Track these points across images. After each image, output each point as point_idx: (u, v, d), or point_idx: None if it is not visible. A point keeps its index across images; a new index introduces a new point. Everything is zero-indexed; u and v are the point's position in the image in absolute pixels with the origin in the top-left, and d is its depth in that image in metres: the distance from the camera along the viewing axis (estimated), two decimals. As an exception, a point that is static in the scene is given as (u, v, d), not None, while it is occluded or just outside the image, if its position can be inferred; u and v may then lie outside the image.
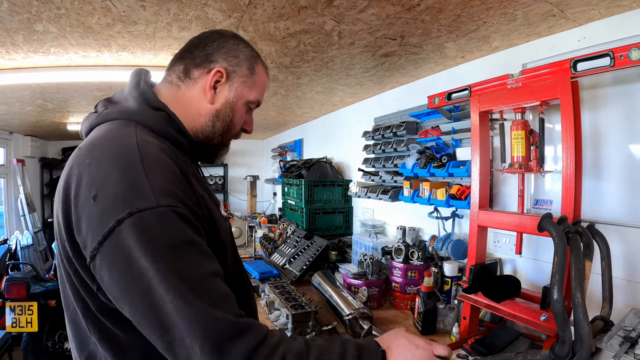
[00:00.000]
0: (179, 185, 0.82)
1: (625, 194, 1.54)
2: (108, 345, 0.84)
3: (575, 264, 1.19)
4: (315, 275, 2.42)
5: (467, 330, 1.69)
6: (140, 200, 0.74)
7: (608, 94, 1.59)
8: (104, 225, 0.72)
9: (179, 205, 0.78)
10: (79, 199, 0.77)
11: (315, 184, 3.65)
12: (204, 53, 1.02)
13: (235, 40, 1.06)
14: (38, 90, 2.99)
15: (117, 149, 0.81)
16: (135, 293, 0.72)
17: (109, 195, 0.74)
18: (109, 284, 0.74)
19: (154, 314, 0.71)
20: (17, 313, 3.18)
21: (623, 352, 1.12)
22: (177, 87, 1.03)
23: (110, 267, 0.73)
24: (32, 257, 5.02)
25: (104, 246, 0.73)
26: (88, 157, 0.81)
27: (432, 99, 2.06)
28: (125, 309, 0.75)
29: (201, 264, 0.78)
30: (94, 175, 0.77)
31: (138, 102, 0.95)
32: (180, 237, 0.76)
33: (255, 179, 6.09)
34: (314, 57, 2.23)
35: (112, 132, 0.87)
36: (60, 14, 1.60)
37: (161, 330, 0.71)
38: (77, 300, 0.85)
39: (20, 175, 5.65)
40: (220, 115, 1.03)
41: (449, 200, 2.13)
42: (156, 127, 0.93)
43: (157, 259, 0.71)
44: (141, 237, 0.72)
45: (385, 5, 1.54)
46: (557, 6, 1.51)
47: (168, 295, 0.70)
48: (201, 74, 1.01)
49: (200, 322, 0.71)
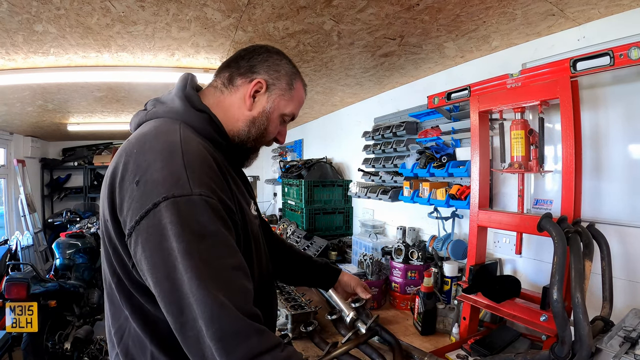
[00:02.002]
0: (215, 178, 0.89)
1: (625, 194, 1.54)
2: (138, 319, 0.91)
3: (575, 264, 1.18)
4: (315, 276, 2.41)
5: (467, 331, 1.69)
6: (176, 187, 0.80)
7: (608, 94, 1.58)
8: (143, 207, 0.80)
9: (212, 196, 0.84)
10: (124, 183, 0.85)
11: (315, 184, 3.65)
12: (248, 64, 1.10)
13: (278, 56, 1.14)
14: (38, 91, 2.99)
15: (162, 142, 0.89)
16: (161, 269, 0.77)
17: (150, 181, 0.82)
18: (140, 259, 0.80)
19: (174, 293, 0.76)
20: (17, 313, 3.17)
21: (623, 352, 1.11)
22: (220, 92, 1.11)
23: (143, 243, 0.79)
24: (33, 257, 5.03)
25: (140, 225, 0.80)
26: (136, 148, 0.89)
27: (432, 98, 2.05)
28: (151, 284, 0.80)
29: (224, 255, 0.82)
30: (140, 163, 0.85)
31: (183, 104, 1.02)
32: (208, 227, 0.81)
33: (256, 179, 6.10)
34: (314, 57, 2.23)
35: (159, 128, 0.94)
36: (60, 15, 1.60)
37: (178, 310, 0.76)
38: (113, 275, 0.93)
39: (20, 175, 5.67)
40: (256, 122, 1.11)
41: (449, 200, 2.13)
42: (199, 126, 1.01)
43: (185, 242, 0.77)
44: (173, 220, 0.78)
45: (385, 5, 1.54)
46: (556, 5, 1.50)
47: (187, 274, 0.75)
48: (243, 83, 1.10)
49: (210, 307, 0.74)
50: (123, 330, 0.94)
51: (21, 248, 4.79)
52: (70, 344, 3.37)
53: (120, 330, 0.95)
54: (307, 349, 1.69)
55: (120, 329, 0.95)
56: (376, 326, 1.37)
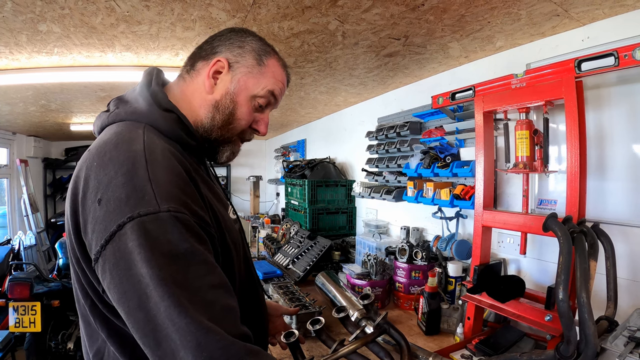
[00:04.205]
0: (184, 188, 0.81)
1: (629, 194, 1.54)
2: (115, 342, 0.83)
3: (581, 264, 1.18)
4: (319, 276, 2.41)
5: (472, 331, 1.69)
6: (141, 205, 0.73)
7: (612, 94, 1.59)
8: (107, 229, 0.72)
9: (182, 210, 0.76)
10: (87, 202, 0.77)
11: (318, 184, 3.65)
12: (209, 46, 1.02)
13: (243, 34, 1.04)
14: (42, 91, 2.99)
15: (123, 152, 0.80)
16: (132, 299, 0.70)
17: (112, 200, 0.74)
18: (109, 287, 0.73)
19: (149, 324, 0.68)
20: (20, 313, 3.18)
21: (628, 352, 1.11)
22: (183, 81, 1.04)
23: (111, 270, 0.72)
24: (35, 257, 5.04)
25: (106, 249, 0.72)
26: (96, 160, 0.80)
27: (436, 99, 2.06)
28: (122, 314, 0.72)
29: (202, 274, 0.74)
30: (100, 178, 0.77)
31: (148, 103, 0.94)
32: (180, 245, 0.73)
33: (258, 179, 6.10)
34: (318, 57, 2.23)
35: (120, 135, 0.85)
36: (64, 14, 1.60)
37: (154, 342, 0.68)
38: (86, 298, 0.85)
39: (23, 175, 5.67)
40: (220, 107, 1.00)
41: (453, 200, 2.13)
42: (165, 128, 0.92)
43: (156, 267, 0.69)
44: (141, 242, 0.70)
45: (390, 5, 1.54)
46: (561, 6, 1.50)
47: (163, 303, 0.67)
48: (204, 65, 1.01)
49: (195, 336, 0.66)
50: (102, 353, 0.87)
51: (24, 248, 4.79)
52: (73, 343, 3.37)
53: (99, 353, 0.88)
54: (311, 349, 1.69)
55: (99, 352, 0.88)
56: (385, 324, 1.34)
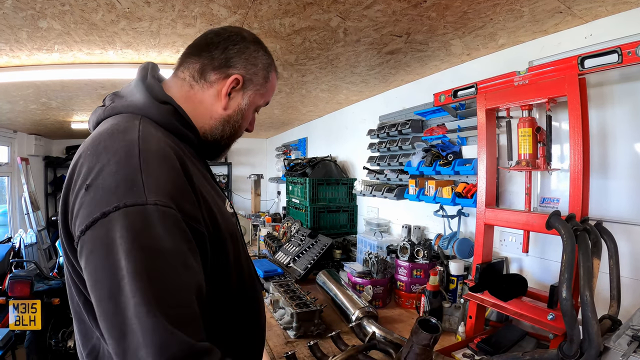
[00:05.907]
0: (176, 181, 0.80)
1: (632, 192, 1.52)
2: None
3: (584, 262, 1.18)
4: (320, 274, 2.42)
5: (473, 330, 1.68)
6: (129, 196, 0.72)
7: (615, 91, 1.57)
8: (90, 215, 0.71)
9: (170, 204, 0.75)
10: (75, 188, 0.77)
11: (319, 182, 3.64)
12: (224, 56, 1.00)
13: (255, 47, 1.05)
14: (42, 89, 2.99)
15: (117, 141, 0.79)
16: (104, 288, 0.68)
17: (102, 187, 0.73)
18: (85, 274, 0.72)
19: (117, 316, 0.67)
20: (21, 311, 3.19)
21: (632, 351, 1.11)
22: (189, 86, 1.01)
23: (88, 256, 0.71)
24: (36, 255, 5.05)
25: (86, 235, 0.71)
26: (90, 149, 0.80)
27: (438, 96, 2.05)
28: (93, 301, 0.71)
29: (178, 275, 0.73)
30: (92, 165, 0.76)
31: (144, 96, 0.93)
32: (163, 241, 0.72)
33: (259, 177, 6.10)
34: (319, 55, 2.22)
35: (115, 126, 0.84)
36: (65, 11, 1.60)
37: (120, 334, 0.66)
38: (79, 294, 0.84)
39: (24, 173, 5.67)
40: (231, 120, 1.04)
41: (455, 198, 2.12)
42: (162, 120, 0.92)
43: (134, 260, 0.68)
44: (123, 234, 0.69)
45: (392, 2, 1.53)
46: (564, 3, 1.49)
47: (134, 299, 0.66)
48: (218, 79, 1.00)
49: (157, 335, 0.65)
50: (97, 351, 0.86)
51: (25, 246, 4.80)
52: (73, 341, 3.37)
53: (94, 351, 0.86)
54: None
55: (93, 350, 0.86)
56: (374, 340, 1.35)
